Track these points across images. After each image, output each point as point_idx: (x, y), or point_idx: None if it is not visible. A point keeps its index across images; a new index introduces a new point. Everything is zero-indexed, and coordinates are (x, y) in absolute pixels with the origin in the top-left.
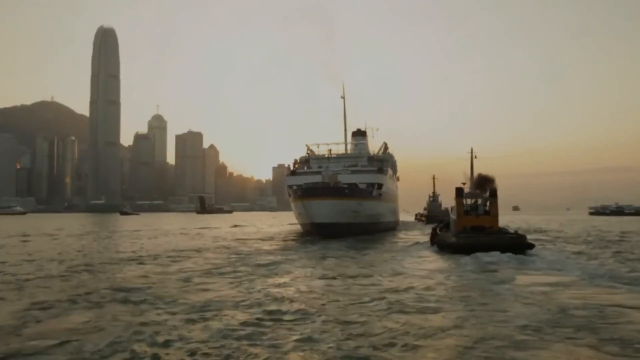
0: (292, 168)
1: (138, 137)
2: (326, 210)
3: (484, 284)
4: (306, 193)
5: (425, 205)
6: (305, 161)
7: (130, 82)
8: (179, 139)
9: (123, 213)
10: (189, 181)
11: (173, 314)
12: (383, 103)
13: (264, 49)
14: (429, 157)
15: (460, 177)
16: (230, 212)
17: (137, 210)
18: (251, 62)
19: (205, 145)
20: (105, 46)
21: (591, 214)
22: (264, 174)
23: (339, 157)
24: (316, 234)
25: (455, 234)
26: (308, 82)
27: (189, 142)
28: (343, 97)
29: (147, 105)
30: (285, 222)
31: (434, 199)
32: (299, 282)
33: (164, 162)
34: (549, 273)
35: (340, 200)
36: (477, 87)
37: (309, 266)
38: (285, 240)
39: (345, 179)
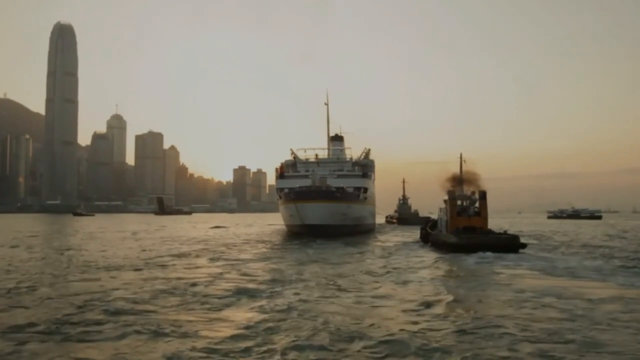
0: (279, 171)
1: (96, 137)
2: (319, 212)
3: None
4: (299, 196)
5: (395, 207)
6: (292, 165)
7: (89, 81)
8: (139, 139)
9: (77, 214)
10: (149, 182)
11: None
12: (353, 105)
13: (227, 51)
14: (397, 159)
15: (429, 180)
16: (189, 213)
17: (95, 211)
18: (213, 63)
19: (166, 146)
20: (63, 43)
21: (549, 217)
22: (225, 176)
23: (325, 162)
24: (308, 234)
25: (455, 233)
26: (270, 85)
27: (149, 142)
28: (327, 104)
29: (107, 105)
30: (251, 223)
31: (404, 201)
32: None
33: (123, 163)
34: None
35: (332, 203)
36: (446, 96)
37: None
38: (284, 243)
39: (333, 182)
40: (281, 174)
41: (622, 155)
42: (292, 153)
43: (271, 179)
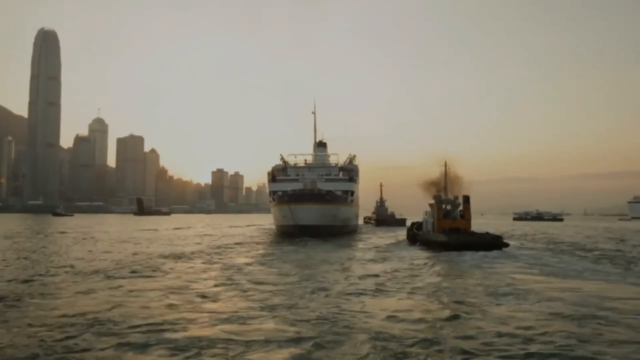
0: (271, 175)
1: (78, 140)
2: (311, 214)
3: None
4: (293, 198)
5: (372, 209)
6: (283, 169)
7: (72, 85)
8: (120, 142)
9: (56, 214)
10: (130, 183)
11: None
12: (335, 112)
13: (207, 55)
14: (375, 164)
15: (404, 184)
16: (168, 214)
17: (76, 211)
18: (193, 68)
19: (147, 149)
20: (46, 48)
21: (515, 219)
22: (203, 178)
23: (315, 166)
24: (300, 234)
25: (445, 234)
26: (248, 90)
27: (130, 145)
28: (314, 113)
29: (89, 108)
30: (232, 224)
31: (381, 204)
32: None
33: (104, 165)
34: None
35: (323, 205)
36: (425, 105)
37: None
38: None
39: (322, 186)
40: (273, 177)
41: (572, 163)
42: (282, 158)
43: (248, 182)
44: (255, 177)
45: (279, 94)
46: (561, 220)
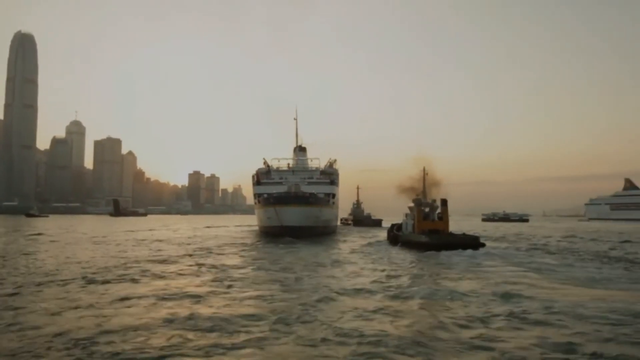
0: (256, 179)
1: (55, 142)
2: (296, 215)
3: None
4: (279, 200)
5: (349, 210)
6: (267, 172)
7: (50, 87)
8: (98, 144)
9: (29, 215)
10: (107, 185)
11: None
12: (314, 116)
13: (185, 59)
14: (352, 167)
15: (380, 186)
16: (144, 215)
17: (52, 212)
18: (170, 71)
19: (124, 151)
20: (23, 51)
21: (484, 220)
22: (180, 180)
23: (297, 170)
24: (285, 235)
25: (426, 234)
26: (224, 93)
27: (108, 147)
28: (295, 119)
29: (66, 111)
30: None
31: (357, 205)
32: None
33: (81, 167)
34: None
35: (307, 207)
36: (401, 110)
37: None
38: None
39: (305, 189)
40: (258, 181)
41: (530, 167)
42: (265, 162)
43: (224, 183)
44: (232, 179)
45: (257, 96)
46: (527, 221)
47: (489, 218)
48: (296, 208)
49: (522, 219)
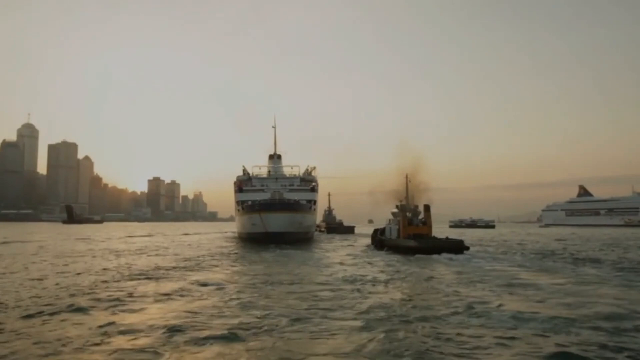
0: (237, 186)
1: (5, 145)
2: (280, 222)
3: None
4: (264, 207)
5: (321, 217)
6: (247, 180)
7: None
8: (52, 148)
9: None
10: (62, 191)
11: None
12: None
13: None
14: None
15: (350, 192)
16: (100, 222)
17: (2, 220)
18: (130, 75)
19: (80, 156)
20: None
21: (451, 226)
22: (139, 186)
23: (278, 177)
24: (269, 241)
25: (414, 239)
26: (187, 97)
27: (63, 152)
28: (274, 127)
29: (18, 114)
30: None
31: (329, 212)
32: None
33: (34, 172)
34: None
35: (291, 213)
36: (375, 122)
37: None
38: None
39: (288, 196)
40: (239, 188)
41: (482, 175)
42: (244, 170)
43: (185, 190)
44: (192, 185)
45: (220, 100)
46: (493, 227)
47: (456, 224)
48: (281, 214)
49: (489, 225)
